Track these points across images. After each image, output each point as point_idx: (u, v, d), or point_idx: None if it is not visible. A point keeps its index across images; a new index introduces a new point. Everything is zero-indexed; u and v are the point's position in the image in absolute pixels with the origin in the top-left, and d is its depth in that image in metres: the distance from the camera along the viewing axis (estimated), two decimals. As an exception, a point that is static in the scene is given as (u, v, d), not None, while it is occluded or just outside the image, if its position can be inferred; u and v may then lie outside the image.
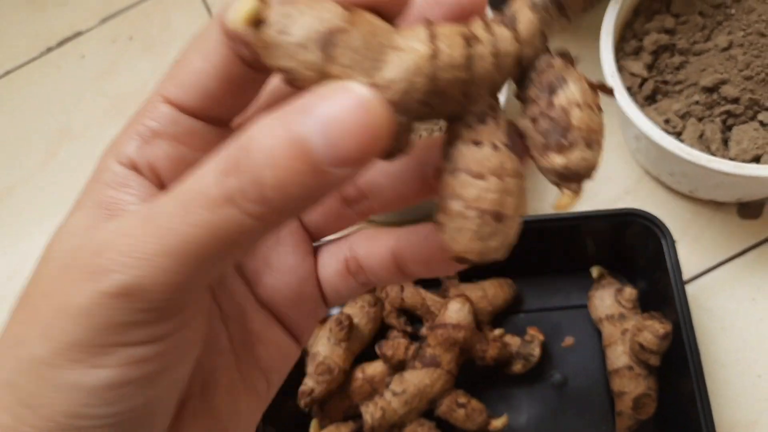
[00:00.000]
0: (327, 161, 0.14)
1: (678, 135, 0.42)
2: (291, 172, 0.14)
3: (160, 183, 0.18)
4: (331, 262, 0.22)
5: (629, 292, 0.42)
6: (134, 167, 0.18)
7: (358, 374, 0.44)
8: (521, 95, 0.18)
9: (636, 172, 0.49)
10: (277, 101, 0.20)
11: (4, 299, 0.55)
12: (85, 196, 0.18)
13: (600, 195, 0.49)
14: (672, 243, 0.40)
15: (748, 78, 0.41)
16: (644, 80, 0.44)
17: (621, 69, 0.44)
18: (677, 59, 0.44)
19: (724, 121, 0.42)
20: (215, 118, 0.19)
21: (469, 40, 0.17)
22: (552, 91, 0.17)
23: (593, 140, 0.17)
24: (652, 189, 0.48)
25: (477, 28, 0.17)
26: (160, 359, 0.16)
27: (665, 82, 0.44)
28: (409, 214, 0.49)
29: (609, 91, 0.19)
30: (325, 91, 0.14)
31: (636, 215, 0.41)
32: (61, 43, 0.66)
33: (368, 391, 0.43)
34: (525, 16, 0.18)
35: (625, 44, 0.45)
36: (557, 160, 0.17)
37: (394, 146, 0.17)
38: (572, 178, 0.17)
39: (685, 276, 0.45)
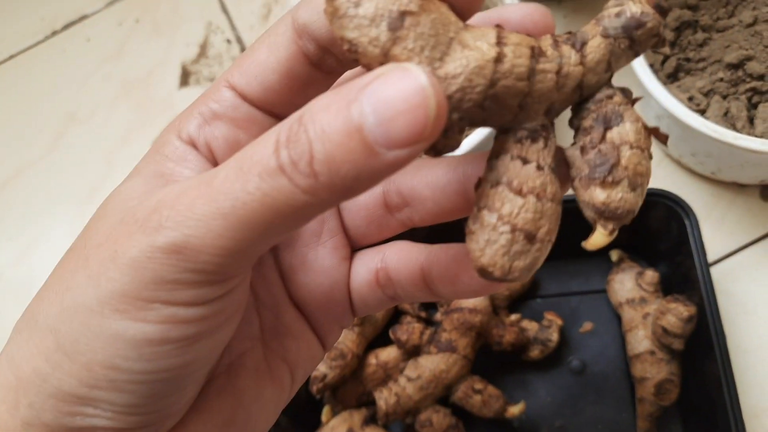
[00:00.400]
0: (378, 141, 0.14)
1: (702, 113, 0.40)
2: (342, 148, 0.14)
3: (215, 161, 0.19)
4: (363, 271, 0.22)
5: (651, 275, 0.41)
6: (193, 144, 0.19)
7: (372, 360, 0.43)
8: (575, 122, 0.18)
9: (656, 153, 0.47)
10: None
11: (12, 283, 0.55)
12: (144, 165, 0.19)
13: (618, 177, 0.47)
14: (696, 224, 0.39)
15: (775, 54, 0.40)
16: (666, 57, 0.43)
17: (642, 46, 0.43)
18: (700, 36, 0.42)
19: (749, 99, 0.40)
20: (274, 110, 0.19)
21: (536, 53, 0.16)
22: (607, 124, 0.17)
23: (638, 183, 0.17)
24: (672, 171, 0.47)
25: (545, 43, 0.17)
26: (201, 323, 0.17)
27: (688, 60, 0.43)
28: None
29: (663, 138, 0.19)
30: (384, 70, 0.14)
31: (659, 195, 0.40)
32: (66, 27, 0.65)
33: (382, 376, 0.42)
34: (595, 42, 0.17)
35: (647, 21, 0.44)
36: (599, 194, 0.17)
37: (442, 142, 0.16)
38: (609, 217, 0.17)
39: (708, 259, 0.44)
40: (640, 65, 0.40)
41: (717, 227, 0.45)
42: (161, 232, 0.15)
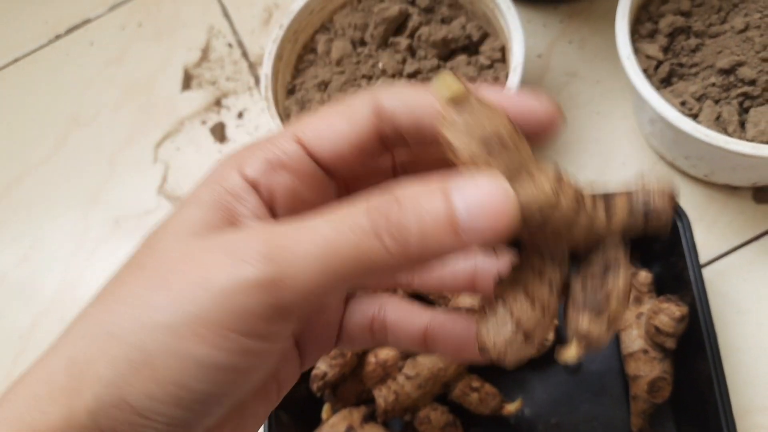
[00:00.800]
0: (464, 228, 0.17)
1: (694, 117, 0.41)
2: (434, 228, 0.17)
3: (272, 205, 0.21)
4: (358, 315, 0.24)
5: (644, 275, 0.42)
6: (255, 186, 0.20)
7: (371, 358, 0.43)
8: (582, 257, 0.22)
9: (650, 157, 0.48)
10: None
11: (16, 284, 0.55)
12: (203, 193, 0.20)
13: (614, 181, 0.48)
14: (688, 226, 0.40)
15: (766, 60, 0.41)
16: (660, 63, 0.44)
17: (637, 51, 0.43)
18: (693, 41, 0.43)
19: (740, 103, 0.41)
20: (334, 172, 0.22)
21: (580, 207, 0.20)
22: (607, 271, 0.22)
23: (614, 325, 0.21)
24: (666, 174, 0.48)
25: (588, 200, 0.21)
26: (264, 357, 0.18)
27: (681, 65, 0.43)
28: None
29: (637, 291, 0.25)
30: (480, 176, 0.18)
31: (652, 198, 0.41)
32: (69, 31, 0.65)
33: (381, 375, 0.43)
34: (621, 214, 0.22)
35: (641, 27, 0.45)
36: (585, 322, 0.21)
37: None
38: (586, 341, 0.21)
39: (700, 261, 0.45)
40: (633, 71, 0.41)
41: (710, 229, 0.46)
42: (255, 266, 0.17)
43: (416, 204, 0.17)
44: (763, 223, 0.45)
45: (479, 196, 0.17)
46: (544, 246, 0.21)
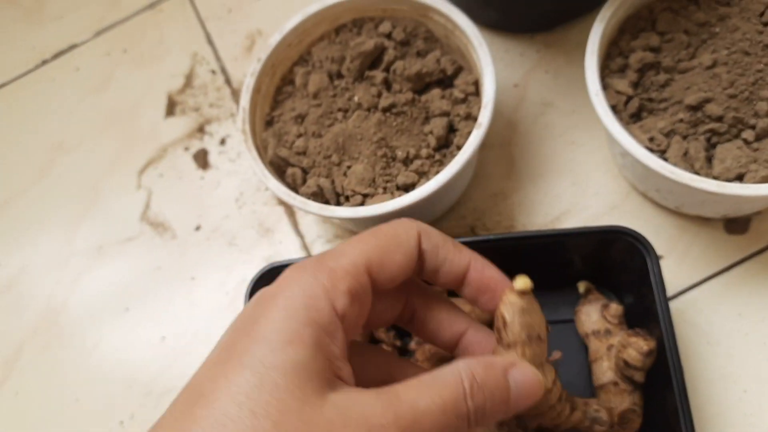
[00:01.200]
0: (514, 404, 0.26)
1: (662, 153, 0.42)
2: (500, 406, 0.25)
3: (345, 331, 0.25)
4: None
5: (615, 308, 0.42)
6: (342, 318, 0.25)
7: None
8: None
9: (623, 187, 0.49)
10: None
11: (1, 310, 0.56)
12: (305, 331, 0.23)
13: (588, 210, 0.49)
14: (656, 260, 0.40)
15: (732, 96, 0.42)
16: (629, 98, 0.44)
17: (606, 87, 0.44)
18: (662, 77, 0.44)
19: (708, 139, 0.42)
20: (381, 292, 0.27)
21: (560, 398, 0.30)
22: None
23: None
24: (639, 204, 0.48)
25: (564, 396, 0.31)
26: None
27: (650, 100, 0.44)
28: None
29: None
30: (526, 365, 0.27)
31: (621, 232, 0.41)
32: (55, 56, 0.66)
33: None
34: (577, 417, 0.33)
35: (611, 62, 0.45)
36: None
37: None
38: None
39: (672, 291, 0.46)
40: (602, 108, 0.42)
41: (682, 259, 0.47)
42: None
43: (490, 387, 0.25)
44: (734, 253, 0.46)
45: (526, 380, 0.26)
46: (524, 418, 0.29)
